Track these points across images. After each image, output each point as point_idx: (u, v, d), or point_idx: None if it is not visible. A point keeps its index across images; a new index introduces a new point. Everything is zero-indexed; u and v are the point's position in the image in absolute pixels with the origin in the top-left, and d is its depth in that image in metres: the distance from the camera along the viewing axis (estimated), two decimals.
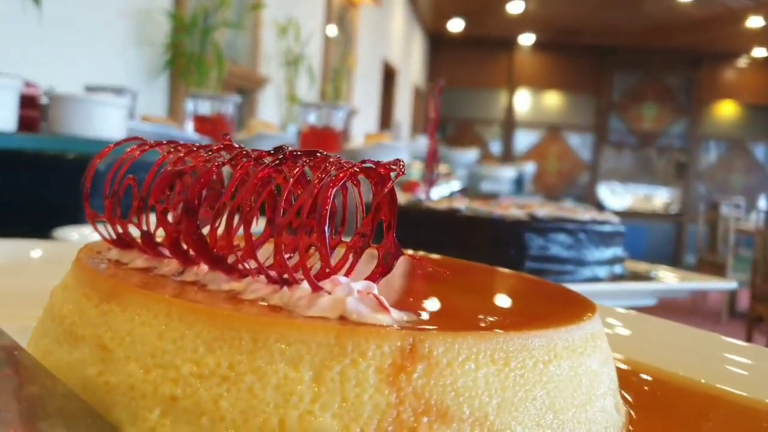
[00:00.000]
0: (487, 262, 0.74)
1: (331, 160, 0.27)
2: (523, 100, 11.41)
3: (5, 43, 2.06)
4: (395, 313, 0.25)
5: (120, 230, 0.31)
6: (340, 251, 0.29)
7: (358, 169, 0.26)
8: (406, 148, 1.11)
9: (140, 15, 2.98)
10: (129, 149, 0.33)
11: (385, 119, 9.40)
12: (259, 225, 0.30)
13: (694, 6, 7.79)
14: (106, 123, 0.89)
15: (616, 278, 0.78)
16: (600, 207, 10.65)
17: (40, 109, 0.91)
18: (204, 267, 0.29)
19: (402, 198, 0.81)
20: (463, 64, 11.23)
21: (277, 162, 0.27)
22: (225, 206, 0.27)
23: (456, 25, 10.24)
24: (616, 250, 0.78)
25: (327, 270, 0.26)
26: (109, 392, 0.24)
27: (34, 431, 0.20)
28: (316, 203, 0.25)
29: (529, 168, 6.58)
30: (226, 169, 0.29)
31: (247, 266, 0.27)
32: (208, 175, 0.28)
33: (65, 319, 0.27)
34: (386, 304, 0.25)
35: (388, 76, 9.00)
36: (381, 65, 8.28)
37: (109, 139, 0.91)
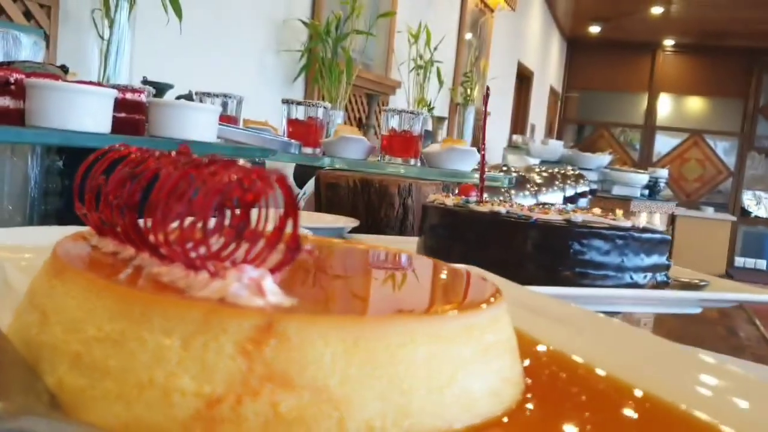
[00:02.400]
0: (527, 264, 0.77)
1: (234, 168, 0.32)
2: (664, 104, 10.90)
3: (152, 52, 2.26)
4: (275, 298, 0.30)
5: (95, 220, 0.38)
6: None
7: (236, 177, 0.30)
8: (473, 151, 1.13)
9: (278, 24, 3.16)
10: (110, 153, 0.39)
11: (520, 122, 9.29)
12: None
13: None
14: (198, 126, 0.99)
15: (657, 285, 0.78)
16: (744, 214, 10.00)
17: (146, 113, 1.01)
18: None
19: (451, 201, 0.84)
20: (601, 67, 10.89)
21: (192, 166, 0.32)
22: (155, 203, 0.32)
23: (595, 29, 9.94)
24: (659, 258, 0.78)
25: (222, 258, 0.31)
26: (39, 349, 0.30)
27: None
28: (206, 202, 0.30)
29: (663, 173, 6.32)
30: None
31: (173, 253, 0.32)
32: (147, 176, 0.34)
33: (30, 290, 0.34)
34: (266, 289, 0.30)
35: (523, 78, 8.89)
36: (516, 68, 8.19)
37: (199, 141, 1.01)
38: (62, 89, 0.79)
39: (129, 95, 0.99)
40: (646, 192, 6.41)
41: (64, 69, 1.08)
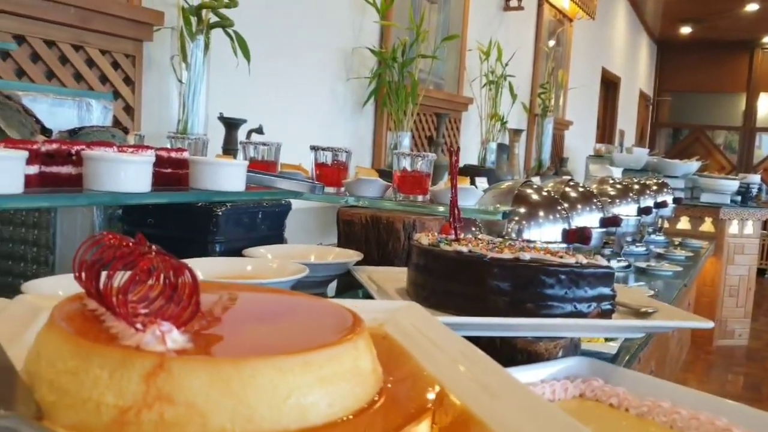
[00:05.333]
0: (485, 296, 0.91)
1: (155, 260, 0.49)
2: (765, 104, 10.46)
3: (226, 90, 2.51)
4: (174, 344, 0.47)
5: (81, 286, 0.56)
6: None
7: (155, 265, 0.47)
8: (479, 191, 1.26)
9: (347, 53, 3.36)
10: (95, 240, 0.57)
11: (608, 129, 9.17)
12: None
13: None
14: (230, 179, 1.18)
15: (601, 314, 0.90)
16: None
17: (189, 168, 1.21)
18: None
19: (426, 240, 0.99)
20: (695, 68, 10.57)
21: (129, 253, 0.50)
22: (109, 276, 0.50)
23: (686, 29, 9.68)
24: (603, 289, 0.90)
25: (147, 318, 0.48)
26: (33, 376, 0.48)
27: None
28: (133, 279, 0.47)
29: (755, 179, 6.13)
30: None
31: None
32: (107, 258, 0.52)
33: (37, 336, 0.52)
34: (172, 339, 0.47)
35: (609, 85, 8.78)
36: (599, 75, 8.12)
37: (229, 191, 1.20)
38: (109, 159, 0.99)
39: (174, 154, 1.19)
40: (738, 198, 6.25)
41: (125, 130, 1.29)
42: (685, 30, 9.95)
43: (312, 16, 3.07)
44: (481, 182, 3.80)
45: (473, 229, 1.31)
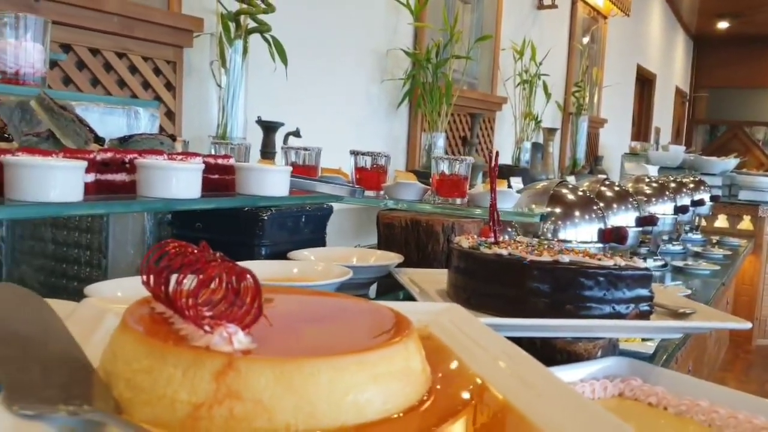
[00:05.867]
0: (525, 297, 0.93)
1: (221, 267, 0.52)
2: None
3: (264, 93, 2.56)
4: (240, 345, 0.50)
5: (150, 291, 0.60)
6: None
7: (226, 271, 0.51)
8: (516, 193, 1.29)
9: (382, 55, 3.41)
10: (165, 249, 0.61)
11: (643, 126, 9.08)
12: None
13: None
14: (275, 184, 1.22)
15: (639, 314, 0.92)
16: None
17: (235, 174, 1.26)
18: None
19: (467, 243, 1.02)
20: (732, 63, 10.41)
21: (196, 260, 0.53)
22: (178, 282, 0.54)
23: (723, 24, 9.55)
24: (641, 291, 0.92)
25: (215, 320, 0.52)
26: (110, 375, 0.52)
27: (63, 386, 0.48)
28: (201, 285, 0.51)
29: None
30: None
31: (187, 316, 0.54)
32: (175, 267, 0.55)
33: (111, 337, 0.56)
34: (238, 340, 0.50)
35: (644, 82, 8.70)
36: (635, 72, 8.05)
37: (275, 196, 1.24)
38: (161, 167, 1.04)
39: (220, 161, 1.23)
40: None
41: (173, 138, 1.34)
42: (722, 25, 9.81)
43: (346, 19, 3.11)
44: (516, 182, 3.81)
45: (509, 229, 1.34)
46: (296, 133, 2.62)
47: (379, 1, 3.36)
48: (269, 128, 2.54)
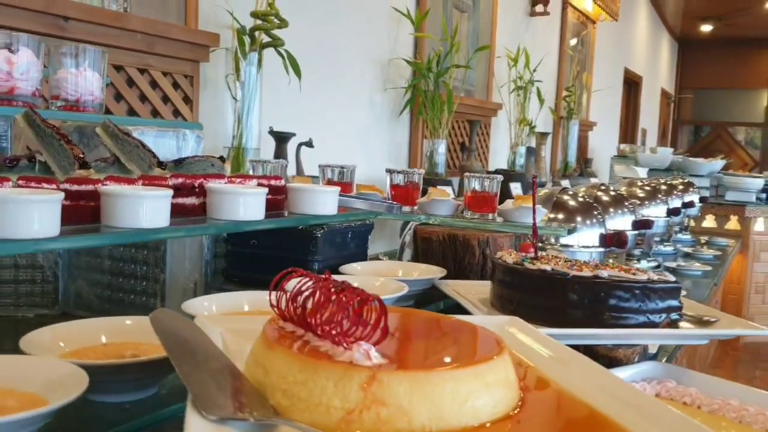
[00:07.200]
0: (566, 309, 1.04)
1: (353, 293, 0.63)
2: None
3: (276, 103, 2.66)
4: (377, 359, 0.61)
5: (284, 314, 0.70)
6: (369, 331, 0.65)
7: (358, 298, 0.62)
8: (544, 209, 1.40)
9: (384, 64, 3.51)
10: (287, 275, 0.71)
11: (630, 128, 9.24)
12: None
13: None
14: (326, 204, 1.33)
15: (670, 323, 1.04)
16: None
17: (286, 194, 1.35)
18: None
19: (511, 259, 1.13)
20: (716, 65, 10.61)
21: (335, 289, 0.64)
22: (317, 308, 0.64)
23: (707, 27, 9.73)
24: (671, 302, 1.04)
25: (352, 340, 0.63)
26: (265, 386, 0.62)
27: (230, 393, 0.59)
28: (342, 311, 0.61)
29: None
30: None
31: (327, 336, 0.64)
32: (313, 293, 0.66)
33: (253, 352, 0.66)
34: (373, 355, 0.61)
35: (631, 84, 8.86)
36: (622, 75, 8.20)
37: (325, 215, 1.34)
38: (232, 192, 1.14)
39: (273, 182, 1.33)
40: (763, 196, 6.31)
41: (222, 159, 1.44)
42: (706, 28, 10.01)
43: (350, 30, 3.22)
44: (515, 187, 3.93)
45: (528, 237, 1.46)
46: (309, 144, 2.72)
47: (381, 12, 3.46)
48: (281, 138, 2.64)
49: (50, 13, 1.87)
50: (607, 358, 1.04)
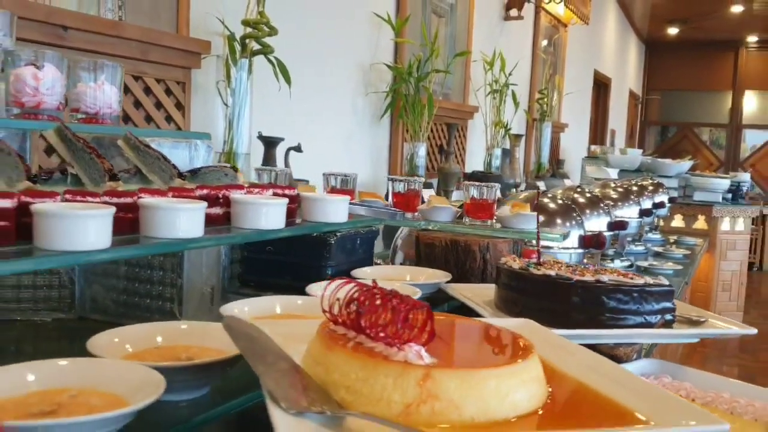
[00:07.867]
0: (570, 312, 1.13)
1: (403, 300, 0.71)
2: (750, 102, 10.79)
3: (264, 109, 2.73)
4: (428, 359, 0.69)
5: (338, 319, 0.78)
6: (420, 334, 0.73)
7: (409, 305, 0.70)
8: (534, 215, 1.51)
9: (366, 69, 3.59)
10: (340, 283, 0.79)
11: (600, 129, 9.42)
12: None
13: None
14: (337, 212, 1.41)
15: (665, 323, 1.14)
16: None
17: (299, 203, 1.43)
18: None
19: (516, 264, 1.22)
20: (682, 67, 10.88)
21: (385, 296, 0.72)
22: (370, 313, 0.72)
23: (673, 30, 9.97)
24: (666, 304, 1.14)
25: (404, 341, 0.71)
26: (327, 383, 0.71)
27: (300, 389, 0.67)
28: (395, 316, 0.70)
29: (745, 177, 6.40)
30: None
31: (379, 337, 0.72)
32: (363, 300, 0.74)
33: (311, 352, 0.74)
34: (423, 355, 0.69)
35: (600, 86, 9.04)
36: (592, 77, 8.38)
37: (336, 223, 1.41)
38: (255, 203, 1.22)
39: (287, 191, 1.41)
40: (729, 196, 6.50)
41: (235, 169, 1.51)
42: (672, 30, 10.26)
43: (334, 35, 3.29)
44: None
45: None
46: (297, 148, 2.80)
47: (362, 18, 3.53)
48: (270, 143, 2.70)
49: (50, 22, 1.92)
50: (608, 355, 1.13)
